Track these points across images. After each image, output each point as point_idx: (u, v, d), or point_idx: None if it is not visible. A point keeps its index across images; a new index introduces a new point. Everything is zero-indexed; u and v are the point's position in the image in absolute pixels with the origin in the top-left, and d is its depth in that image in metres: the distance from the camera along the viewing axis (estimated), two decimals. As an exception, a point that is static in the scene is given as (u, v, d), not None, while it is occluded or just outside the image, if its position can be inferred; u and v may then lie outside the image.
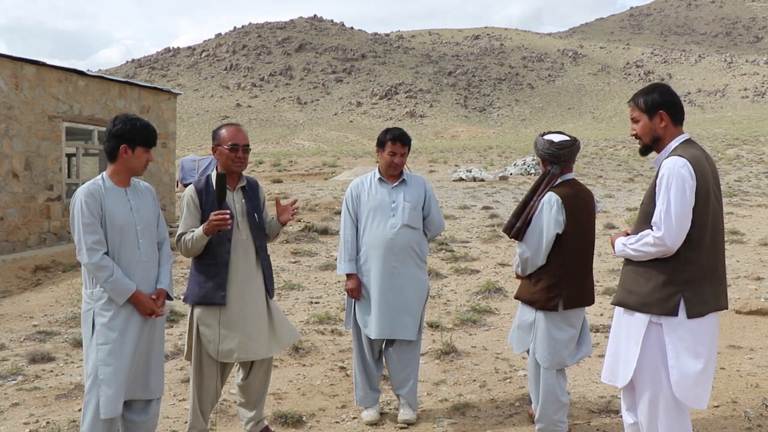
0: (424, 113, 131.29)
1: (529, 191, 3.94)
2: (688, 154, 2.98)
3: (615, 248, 3.21)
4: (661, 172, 2.97)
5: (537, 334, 3.90)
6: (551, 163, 3.90)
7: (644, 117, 3.13)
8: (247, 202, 3.81)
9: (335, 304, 7.71)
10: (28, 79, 11.85)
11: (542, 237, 3.81)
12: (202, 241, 3.60)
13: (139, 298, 3.25)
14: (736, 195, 18.61)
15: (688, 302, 2.96)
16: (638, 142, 3.20)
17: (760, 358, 5.48)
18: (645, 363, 3.01)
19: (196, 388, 3.77)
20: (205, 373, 3.75)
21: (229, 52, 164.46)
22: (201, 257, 3.69)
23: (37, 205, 12.08)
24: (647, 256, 3.02)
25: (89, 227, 3.20)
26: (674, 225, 2.90)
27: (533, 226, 3.84)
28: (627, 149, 43.67)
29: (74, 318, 7.11)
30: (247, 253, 3.75)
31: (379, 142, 4.35)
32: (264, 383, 3.93)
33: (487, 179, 22.75)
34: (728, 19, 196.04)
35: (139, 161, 3.34)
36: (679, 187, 2.90)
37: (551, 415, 3.89)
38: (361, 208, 4.34)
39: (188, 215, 3.72)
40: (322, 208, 14.91)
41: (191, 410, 3.81)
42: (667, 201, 2.91)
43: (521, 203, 3.94)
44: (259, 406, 3.94)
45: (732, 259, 9.79)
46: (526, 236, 3.86)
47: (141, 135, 3.30)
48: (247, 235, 3.76)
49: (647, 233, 3.00)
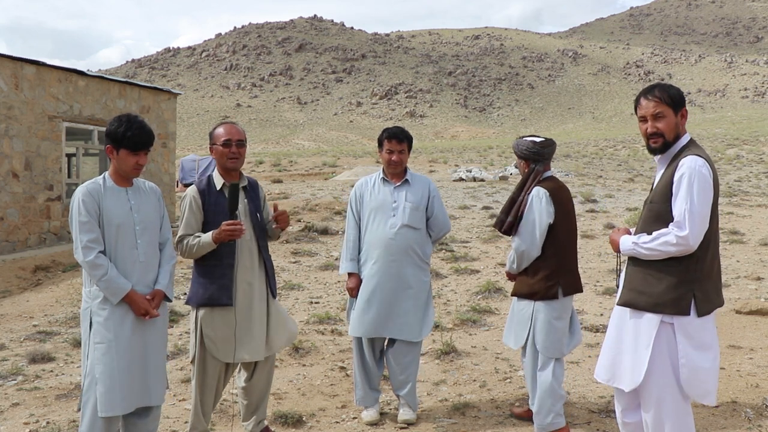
0: (424, 113, 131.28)
1: (515, 189, 4.11)
2: (704, 155, 3.00)
3: (621, 246, 3.12)
4: (680, 171, 2.94)
5: (536, 325, 4.01)
6: (534, 162, 4.09)
7: (670, 112, 3.04)
8: (249, 201, 3.81)
9: (335, 304, 7.71)
10: (28, 79, 11.85)
11: (536, 228, 3.96)
12: (209, 247, 3.61)
13: (133, 298, 3.24)
14: (736, 195, 18.61)
15: (698, 301, 2.97)
16: (652, 141, 3.07)
17: (760, 358, 5.48)
18: (654, 364, 3.01)
19: (199, 389, 3.76)
20: (209, 374, 3.75)
21: (229, 52, 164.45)
22: (205, 258, 3.69)
23: (37, 205, 12.08)
24: (662, 256, 2.96)
25: (85, 226, 3.21)
26: (698, 224, 2.89)
27: (525, 219, 3.99)
28: (627, 149, 43.68)
29: (74, 318, 7.12)
30: (251, 254, 3.75)
31: (378, 142, 4.40)
32: (266, 384, 3.93)
33: (487, 179, 22.75)
34: (728, 19, 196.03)
35: (125, 163, 3.30)
36: (702, 186, 2.90)
37: (549, 406, 3.95)
38: (364, 208, 4.36)
39: (190, 216, 3.72)
40: (322, 208, 14.91)
41: (193, 411, 3.81)
42: (691, 200, 2.89)
43: (509, 200, 4.11)
44: (261, 407, 3.94)
45: (732, 259, 9.79)
46: (520, 230, 4.01)
47: (124, 138, 3.24)
48: (250, 235, 3.76)
49: (667, 232, 2.93)
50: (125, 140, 3.26)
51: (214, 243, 3.60)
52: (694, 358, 2.96)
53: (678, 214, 2.92)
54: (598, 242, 11.62)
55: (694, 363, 2.96)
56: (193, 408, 3.80)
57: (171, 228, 3.60)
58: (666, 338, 2.99)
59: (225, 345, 3.68)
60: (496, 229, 4.08)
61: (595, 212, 14.87)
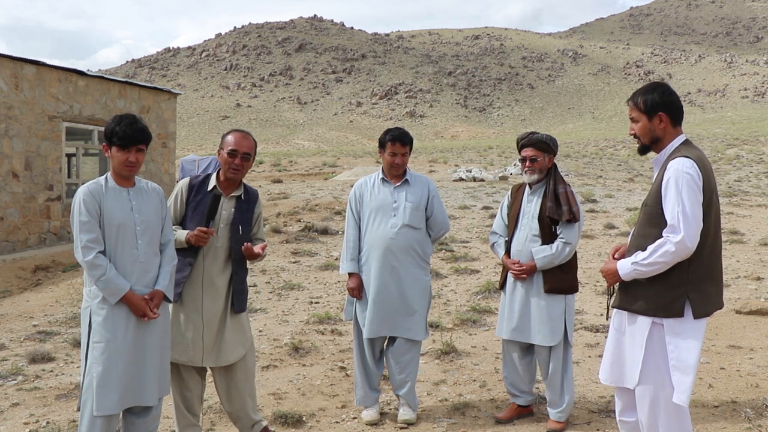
0: (424, 113, 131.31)
1: (552, 181, 4.20)
2: (693, 155, 2.97)
3: (621, 272, 3.03)
4: (667, 175, 2.94)
5: (567, 318, 4.14)
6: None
7: (643, 118, 3.08)
8: (237, 212, 3.75)
9: (335, 304, 7.71)
10: (28, 79, 11.85)
11: (582, 224, 4.21)
12: (180, 244, 3.63)
13: (131, 299, 3.23)
14: (736, 195, 18.61)
15: (694, 303, 2.95)
16: (637, 142, 3.17)
17: (760, 358, 5.48)
18: (648, 364, 3.01)
19: (174, 383, 3.74)
20: (180, 367, 3.73)
21: (229, 52, 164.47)
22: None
23: (37, 205, 12.08)
24: (665, 266, 2.91)
25: (85, 225, 3.20)
26: (692, 226, 2.86)
27: (580, 213, 4.16)
28: (627, 149, 43.69)
29: (74, 318, 7.11)
30: (215, 260, 3.70)
31: (380, 143, 4.37)
32: (243, 393, 3.80)
33: (487, 179, 22.75)
34: (728, 19, 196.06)
35: (117, 161, 3.30)
36: (691, 187, 2.88)
37: (572, 392, 4.20)
38: (364, 208, 4.35)
39: (172, 207, 3.74)
40: (322, 208, 14.92)
41: (174, 407, 3.79)
42: (681, 203, 2.87)
43: (553, 191, 4.16)
44: (243, 416, 3.82)
45: (732, 259, 9.79)
46: (575, 226, 4.12)
47: (114, 134, 3.26)
48: (224, 243, 3.71)
49: (663, 242, 2.90)
50: (114, 136, 3.26)
51: (186, 243, 3.61)
52: (684, 360, 2.96)
53: (670, 218, 2.90)
54: (598, 242, 11.63)
55: (684, 364, 2.96)
56: (174, 404, 3.80)
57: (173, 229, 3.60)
58: (659, 339, 2.99)
59: (174, 342, 3.64)
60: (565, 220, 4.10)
61: (595, 212, 14.87)
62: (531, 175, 4.21)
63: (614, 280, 3.09)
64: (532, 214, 4.20)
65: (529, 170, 4.21)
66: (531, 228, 4.18)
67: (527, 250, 4.16)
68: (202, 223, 3.62)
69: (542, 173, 4.20)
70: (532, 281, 4.17)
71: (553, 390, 4.16)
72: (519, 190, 4.38)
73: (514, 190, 4.42)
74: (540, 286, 4.15)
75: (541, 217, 4.15)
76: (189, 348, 3.66)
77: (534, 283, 4.17)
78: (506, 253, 4.30)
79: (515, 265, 4.18)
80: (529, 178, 4.23)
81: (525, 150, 4.23)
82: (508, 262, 4.25)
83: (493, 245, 4.46)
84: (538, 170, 4.18)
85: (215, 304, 3.70)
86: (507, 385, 4.40)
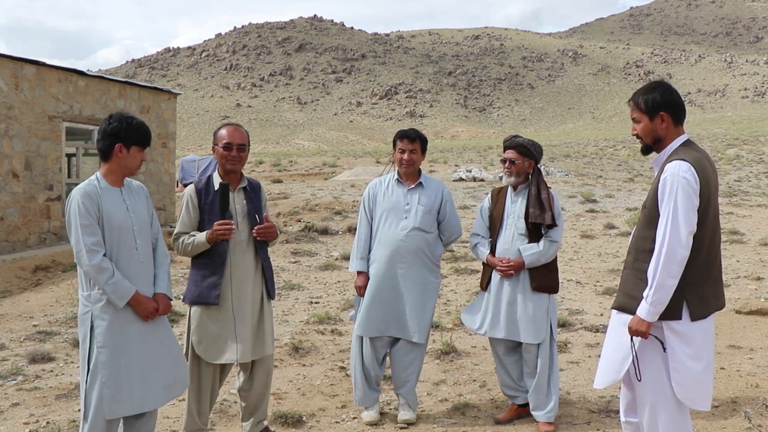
0: (424, 113, 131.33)
1: (534, 185, 4.23)
2: (691, 157, 2.94)
3: (644, 317, 2.90)
4: (663, 177, 2.93)
5: (551, 316, 4.23)
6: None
7: (645, 118, 3.06)
8: (248, 202, 3.79)
9: (335, 304, 7.71)
10: (28, 79, 11.85)
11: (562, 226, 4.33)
12: (203, 247, 3.61)
13: (138, 300, 3.20)
14: (736, 195, 18.61)
15: (691, 305, 2.94)
16: (639, 142, 3.16)
17: (760, 358, 5.48)
18: (647, 366, 3.00)
19: (194, 389, 3.74)
20: (203, 374, 3.73)
21: (229, 52, 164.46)
22: (199, 256, 3.70)
23: (37, 205, 12.08)
24: (675, 277, 2.86)
25: (88, 228, 3.14)
26: (682, 228, 2.85)
27: (560, 216, 4.24)
28: (627, 149, 43.67)
29: (74, 318, 7.11)
30: (245, 254, 3.72)
31: (393, 143, 4.42)
32: (265, 386, 3.90)
33: (487, 179, 22.75)
34: (728, 19, 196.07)
35: (134, 161, 3.29)
36: (686, 192, 2.86)
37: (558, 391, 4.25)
38: (377, 208, 4.36)
39: (186, 215, 3.73)
40: (322, 208, 14.92)
41: (186, 411, 3.79)
42: (675, 206, 2.85)
43: (536, 196, 4.20)
44: (260, 408, 3.91)
45: (732, 259, 9.79)
46: (559, 226, 4.21)
47: (136, 134, 3.25)
48: (247, 235, 3.74)
49: (657, 261, 2.86)
50: (137, 136, 3.28)
51: (208, 243, 3.60)
52: (685, 363, 2.94)
53: (660, 224, 2.89)
54: (598, 242, 11.63)
55: (685, 368, 2.94)
56: (187, 407, 3.79)
57: (161, 226, 3.59)
58: (658, 341, 2.98)
59: (212, 345, 3.66)
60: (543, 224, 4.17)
61: (595, 212, 14.87)
62: (508, 177, 4.27)
63: (647, 327, 2.94)
64: (518, 214, 4.25)
65: (507, 171, 4.27)
66: (517, 227, 4.22)
67: (514, 248, 4.20)
68: (219, 219, 3.62)
69: (520, 177, 4.25)
70: (519, 280, 4.20)
71: (539, 390, 4.17)
72: (500, 192, 4.42)
73: (494, 193, 4.46)
74: (527, 285, 4.18)
75: (525, 219, 4.22)
76: (226, 347, 3.66)
77: (521, 282, 4.19)
78: (491, 252, 4.32)
79: (503, 262, 4.20)
80: (507, 179, 4.29)
81: (507, 152, 4.30)
82: (494, 260, 4.25)
83: (476, 246, 4.44)
84: (516, 173, 4.23)
85: (253, 296, 3.74)
86: (501, 387, 4.45)
